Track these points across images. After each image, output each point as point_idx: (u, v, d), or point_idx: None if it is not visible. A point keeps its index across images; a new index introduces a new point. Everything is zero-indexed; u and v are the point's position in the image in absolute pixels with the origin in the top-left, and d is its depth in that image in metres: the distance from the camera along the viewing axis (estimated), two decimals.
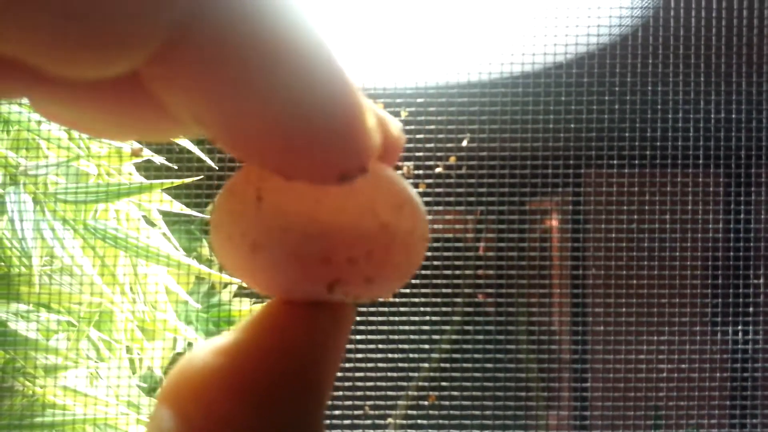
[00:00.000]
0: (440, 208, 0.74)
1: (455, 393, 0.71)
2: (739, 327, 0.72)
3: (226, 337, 0.13)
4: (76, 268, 0.61)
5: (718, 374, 0.72)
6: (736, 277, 0.72)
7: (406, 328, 0.71)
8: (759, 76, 0.68)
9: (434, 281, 0.72)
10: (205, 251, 0.86)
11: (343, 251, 0.13)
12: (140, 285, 0.67)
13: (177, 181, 0.66)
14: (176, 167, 0.70)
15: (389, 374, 0.70)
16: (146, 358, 0.72)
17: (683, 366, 0.71)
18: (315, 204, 0.13)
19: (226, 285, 0.82)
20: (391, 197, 0.13)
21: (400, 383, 0.70)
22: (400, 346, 0.71)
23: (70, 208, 0.63)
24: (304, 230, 0.13)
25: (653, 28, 0.71)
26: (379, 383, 0.69)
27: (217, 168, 0.71)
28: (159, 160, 0.69)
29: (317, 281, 0.13)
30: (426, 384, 0.72)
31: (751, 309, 0.71)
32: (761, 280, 0.72)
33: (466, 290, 0.75)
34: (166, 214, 0.71)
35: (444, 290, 0.72)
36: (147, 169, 0.70)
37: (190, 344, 0.78)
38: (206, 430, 0.11)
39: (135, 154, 0.65)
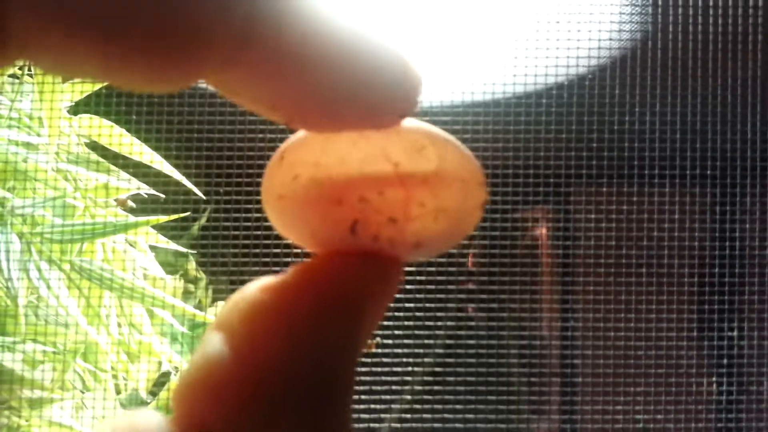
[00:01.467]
0: None
1: (438, 406, 0.71)
2: (731, 341, 0.71)
3: (277, 276, 0.13)
4: (62, 310, 0.61)
5: (704, 388, 0.72)
6: (722, 292, 0.72)
7: (389, 341, 0.71)
8: (743, 89, 0.67)
9: (419, 296, 0.71)
10: (191, 267, 0.85)
11: (351, 191, 0.13)
12: (125, 316, 0.67)
13: (165, 218, 0.66)
14: (163, 197, 0.70)
15: (373, 388, 0.70)
16: (131, 380, 0.72)
17: (671, 380, 0.71)
18: (321, 153, 0.14)
19: (213, 301, 0.82)
20: (407, 141, 0.14)
21: (384, 397, 0.70)
22: (384, 359, 0.70)
23: (56, 248, 0.63)
24: (311, 175, 0.14)
25: (652, 42, 0.70)
26: (362, 396, 0.69)
27: (204, 199, 0.71)
28: (147, 191, 0.68)
29: (337, 224, 0.14)
30: (411, 397, 0.72)
31: (742, 321, 0.71)
32: (746, 295, 0.71)
33: (455, 303, 0.75)
34: (154, 249, 0.71)
35: (429, 305, 0.72)
36: (141, 201, 0.70)
37: (176, 368, 0.78)
38: (248, 357, 0.12)
39: (121, 204, 0.65)
